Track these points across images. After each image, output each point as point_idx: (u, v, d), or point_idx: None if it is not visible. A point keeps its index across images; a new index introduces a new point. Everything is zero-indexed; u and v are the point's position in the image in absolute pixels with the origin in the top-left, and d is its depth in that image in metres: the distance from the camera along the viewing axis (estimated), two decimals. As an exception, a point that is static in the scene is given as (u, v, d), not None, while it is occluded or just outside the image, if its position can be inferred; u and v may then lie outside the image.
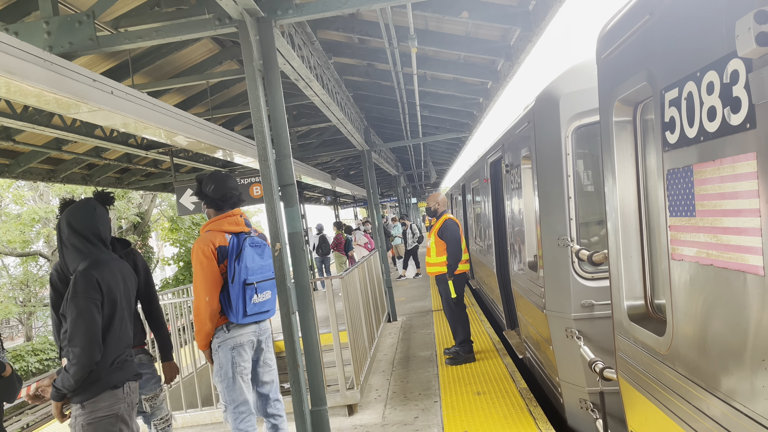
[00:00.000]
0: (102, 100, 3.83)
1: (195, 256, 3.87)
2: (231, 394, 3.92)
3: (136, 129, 4.59)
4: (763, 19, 1.48)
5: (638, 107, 2.69)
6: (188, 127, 5.16)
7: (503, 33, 6.83)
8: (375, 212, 11.06)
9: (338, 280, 6.41)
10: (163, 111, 4.74)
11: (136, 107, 4.26)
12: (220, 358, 3.90)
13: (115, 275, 3.17)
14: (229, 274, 3.88)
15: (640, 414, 2.74)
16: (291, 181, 4.19)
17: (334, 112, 7.40)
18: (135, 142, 9.10)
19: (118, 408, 3.06)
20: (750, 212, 1.65)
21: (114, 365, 3.08)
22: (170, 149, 9.43)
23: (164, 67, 7.38)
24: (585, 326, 4.35)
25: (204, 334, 3.90)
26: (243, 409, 3.93)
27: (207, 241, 3.88)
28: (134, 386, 3.22)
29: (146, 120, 4.32)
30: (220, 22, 4.00)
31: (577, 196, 4.46)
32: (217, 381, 3.93)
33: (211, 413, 6.06)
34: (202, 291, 3.84)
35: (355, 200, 31.47)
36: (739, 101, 1.65)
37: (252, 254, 3.95)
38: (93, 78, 3.78)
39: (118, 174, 12.77)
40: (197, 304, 3.86)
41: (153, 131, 4.72)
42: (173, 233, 28.22)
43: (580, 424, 4.68)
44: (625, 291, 2.79)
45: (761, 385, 1.65)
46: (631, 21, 2.48)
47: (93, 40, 3.97)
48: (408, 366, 7.38)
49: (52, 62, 3.36)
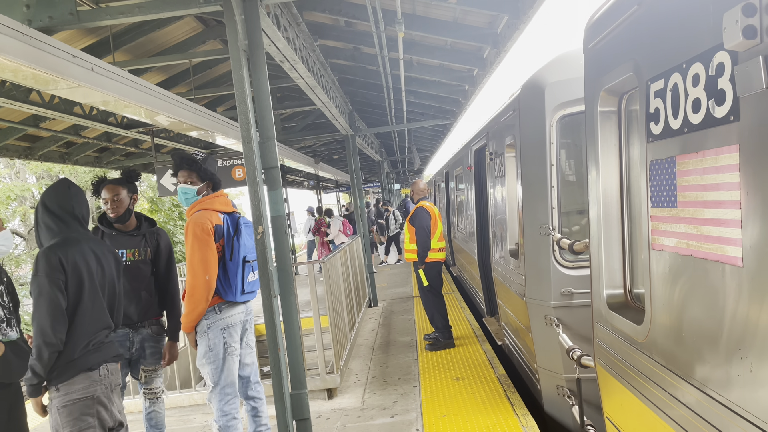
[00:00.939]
0: (82, 77, 3.75)
1: (193, 234, 3.79)
2: (219, 374, 3.90)
3: (116, 107, 4.51)
4: (750, 12, 1.49)
5: (623, 98, 2.71)
6: (170, 107, 5.08)
7: (491, 20, 6.81)
8: (358, 197, 11.04)
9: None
10: (145, 90, 4.66)
11: (116, 85, 4.18)
12: (210, 339, 3.88)
13: (86, 255, 3.10)
14: (226, 252, 3.89)
15: (616, 401, 2.78)
16: (275, 164, 4.15)
17: (319, 95, 7.34)
18: (115, 120, 8.95)
19: (94, 390, 3.01)
20: (731, 204, 1.67)
21: (89, 347, 3.04)
22: (151, 129, 9.29)
23: (146, 45, 7.24)
24: (564, 314, 4.40)
25: (196, 315, 3.84)
26: (229, 390, 3.93)
27: (205, 218, 3.84)
28: (114, 368, 3.17)
29: (127, 98, 4.24)
30: (205, 0, 3.92)
31: (559, 186, 4.49)
32: (205, 362, 3.91)
33: (190, 395, 6.04)
34: (201, 269, 3.76)
35: (338, 185, 31.37)
36: (724, 93, 1.67)
37: (246, 233, 4.02)
38: (73, 54, 3.70)
39: (96, 153, 12.56)
40: (194, 283, 3.77)
41: (134, 110, 4.64)
42: (152, 214, 27.90)
43: (557, 410, 4.75)
44: (605, 280, 2.82)
45: (736, 374, 1.68)
46: (619, 11, 2.48)
47: (73, 14, 3.88)
48: (388, 351, 7.42)
49: (31, 36, 3.28)
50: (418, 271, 7.19)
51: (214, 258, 3.82)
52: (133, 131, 9.29)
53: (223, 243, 3.91)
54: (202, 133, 6.85)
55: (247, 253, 4.02)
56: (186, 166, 4.06)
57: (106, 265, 3.24)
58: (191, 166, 4.05)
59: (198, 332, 3.93)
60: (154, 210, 27.94)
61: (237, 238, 3.94)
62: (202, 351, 3.92)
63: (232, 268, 3.92)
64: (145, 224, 4.20)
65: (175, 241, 23.76)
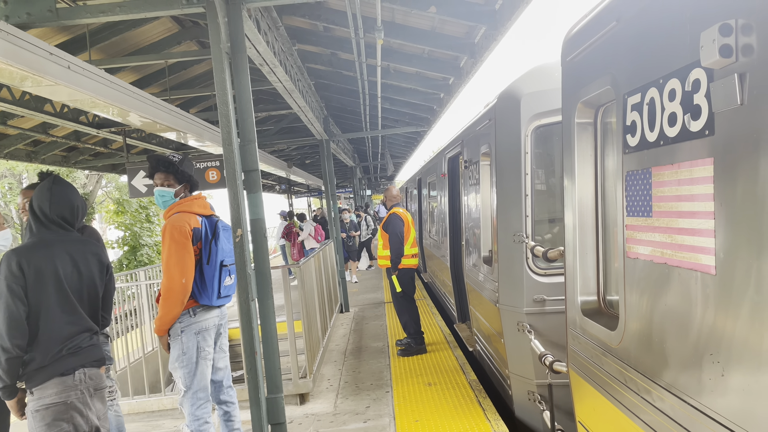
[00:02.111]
0: (58, 75, 3.69)
1: (170, 237, 3.74)
2: (192, 379, 3.86)
3: (92, 106, 4.44)
4: (727, 32, 1.57)
5: (600, 110, 2.79)
6: (147, 107, 5.03)
7: (468, 30, 6.91)
8: (331, 203, 11.03)
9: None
10: (122, 89, 4.60)
11: (93, 84, 4.12)
12: (184, 343, 3.83)
13: (56, 258, 3.00)
14: (204, 255, 3.85)
15: (588, 405, 2.85)
16: (255, 167, 4.15)
17: (296, 99, 7.34)
18: (86, 119, 8.79)
19: (68, 396, 2.92)
20: (705, 214, 1.74)
21: (63, 352, 2.95)
22: (123, 129, 9.15)
23: (120, 44, 7.15)
24: (536, 320, 4.48)
25: (170, 318, 3.80)
26: (201, 395, 3.89)
27: (183, 221, 3.79)
28: (94, 372, 3.07)
29: (104, 98, 4.18)
30: (188, 1, 3.90)
31: (533, 194, 4.58)
32: (177, 366, 3.86)
33: (159, 400, 5.95)
34: (177, 272, 3.71)
35: (309, 190, 31.27)
36: (700, 109, 1.74)
37: (224, 237, 3.98)
38: (50, 51, 3.64)
39: (65, 152, 12.30)
40: (170, 286, 3.72)
41: (110, 109, 4.58)
42: (119, 216, 27.34)
43: (528, 415, 4.83)
44: (579, 287, 2.89)
45: (708, 378, 1.75)
46: (598, 26, 2.57)
47: (52, 11, 3.82)
48: (360, 356, 7.42)
49: (8, 32, 3.22)
50: (392, 277, 7.22)
51: (191, 261, 3.79)
52: (105, 131, 9.13)
53: (201, 246, 3.88)
54: (176, 135, 6.78)
55: (225, 256, 3.99)
56: (163, 168, 4.01)
57: (84, 267, 3.14)
58: (168, 168, 4.01)
59: (171, 335, 3.89)
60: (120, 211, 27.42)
61: (215, 242, 3.91)
62: (175, 354, 3.88)
63: (209, 271, 3.88)
64: None
65: (142, 244, 23.30)
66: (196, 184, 4.09)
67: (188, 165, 4.04)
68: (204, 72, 9.08)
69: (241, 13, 4.07)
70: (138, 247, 23.28)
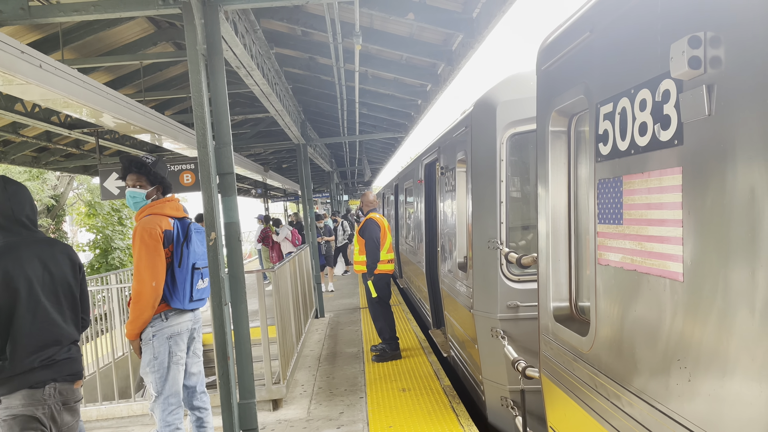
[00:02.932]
0: (30, 74, 3.62)
1: (140, 239, 3.68)
2: (163, 384, 3.80)
3: (64, 106, 4.37)
4: (696, 44, 1.60)
5: (573, 119, 2.83)
6: (121, 108, 4.96)
7: (446, 37, 6.96)
8: (308, 207, 10.99)
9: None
10: (95, 90, 4.54)
11: (66, 83, 4.05)
12: (155, 347, 3.78)
13: (24, 262, 2.86)
14: (175, 258, 3.80)
15: (560, 410, 2.88)
16: (230, 170, 4.12)
17: (273, 103, 7.31)
18: (58, 119, 8.63)
19: (34, 410, 2.79)
20: (673, 222, 1.78)
21: (36, 363, 2.81)
22: (96, 130, 9.00)
23: (94, 44, 7.04)
24: (510, 326, 4.51)
25: (141, 322, 3.74)
26: (173, 400, 3.83)
27: (153, 224, 3.74)
28: (64, 387, 2.92)
29: (77, 98, 4.12)
30: (164, 2, 3.85)
31: (508, 201, 4.62)
32: (149, 371, 3.80)
33: (129, 406, 5.84)
34: (148, 276, 3.66)
35: (285, 194, 31.10)
36: (669, 119, 1.78)
37: (196, 240, 3.93)
38: (21, 50, 3.57)
39: (35, 153, 12.07)
40: (140, 290, 3.66)
41: (83, 110, 4.51)
42: (90, 218, 26.87)
43: (501, 420, 4.86)
44: (551, 293, 2.92)
45: (675, 383, 1.78)
46: (572, 36, 2.61)
47: (25, 9, 3.75)
48: (334, 362, 7.39)
49: (-22, 29, 3.15)
50: (367, 282, 7.22)
51: (162, 264, 3.74)
52: (77, 131, 8.98)
53: (172, 249, 3.83)
54: (150, 136, 6.70)
55: (197, 259, 3.94)
56: (135, 169, 3.95)
57: (55, 269, 3.00)
58: (140, 170, 3.95)
59: (143, 340, 3.82)
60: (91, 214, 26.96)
61: (187, 245, 3.86)
62: (147, 359, 3.82)
63: (181, 274, 3.84)
64: None
65: (113, 247, 22.92)
66: (169, 187, 4.04)
67: (161, 167, 3.99)
68: (180, 74, 8.99)
69: (218, 15, 4.04)
70: (110, 250, 22.90)
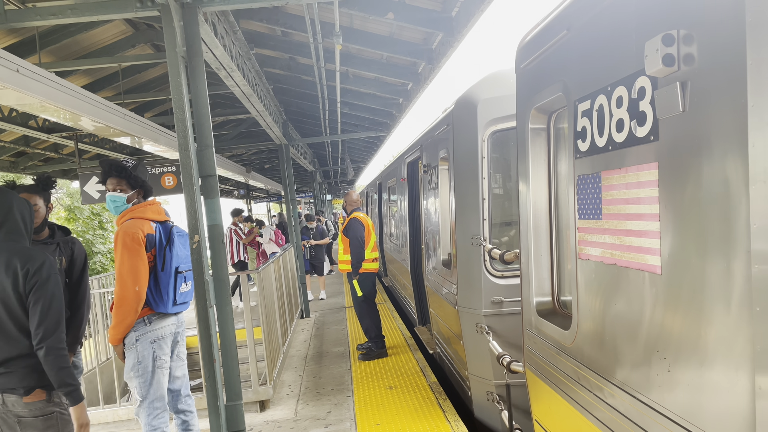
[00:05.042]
0: (6, 78, 3.57)
1: (122, 243, 3.66)
2: (148, 388, 3.78)
3: (41, 110, 4.31)
4: (669, 42, 1.64)
5: (552, 116, 2.87)
6: (100, 111, 4.91)
7: (426, 36, 6.99)
8: (291, 208, 10.97)
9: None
10: (73, 93, 4.49)
11: (43, 87, 4.00)
12: (139, 352, 3.76)
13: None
14: (158, 262, 3.78)
15: (544, 403, 2.92)
16: (212, 172, 4.10)
17: (254, 103, 7.28)
18: (35, 123, 8.52)
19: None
20: (651, 216, 1.82)
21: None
22: (75, 133, 8.89)
23: (72, 47, 6.96)
24: (494, 322, 4.55)
25: (124, 327, 3.72)
26: (158, 404, 3.81)
27: (136, 227, 3.72)
28: (12, 400, 2.76)
29: (55, 102, 4.07)
30: (142, 4, 3.83)
31: (490, 198, 4.66)
32: (133, 376, 3.78)
33: (114, 411, 5.79)
34: (131, 280, 3.64)
35: (269, 195, 30.96)
36: (645, 115, 1.82)
37: (179, 243, 3.92)
38: (-4, 53, 3.53)
39: (13, 157, 11.89)
40: (123, 294, 3.64)
41: (61, 114, 4.46)
42: (70, 223, 26.55)
43: (487, 415, 4.90)
44: (534, 288, 2.96)
45: (655, 374, 1.82)
46: (550, 34, 2.64)
47: (0, 14, 3.69)
48: (321, 362, 7.39)
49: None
50: (353, 281, 7.23)
51: (145, 268, 3.72)
52: (55, 135, 8.87)
53: (155, 253, 3.81)
54: (130, 139, 6.64)
55: (180, 263, 3.92)
56: (115, 173, 3.92)
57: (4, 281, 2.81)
58: (120, 174, 3.92)
59: (126, 344, 3.80)
60: (71, 218, 26.62)
61: (169, 248, 3.84)
62: (130, 364, 3.80)
63: (164, 278, 3.82)
64: (59, 233, 3.91)
65: (95, 251, 22.67)
66: (150, 190, 4.01)
67: (142, 170, 3.96)
68: (159, 75, 8.92)
69: (197, 16, 4.02)
70: (91, 254, 22.65)
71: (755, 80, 1.37)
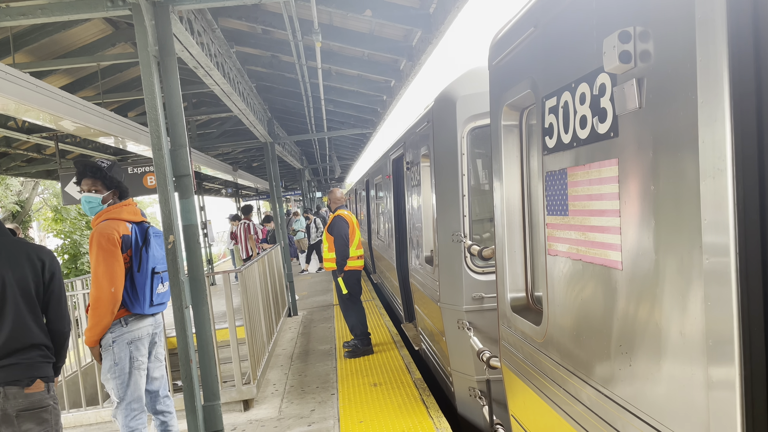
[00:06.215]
0: (-23, 79, 3.54)
1: (98, 245, 3.64)
2: (125, 390, 3.77)
3: (17, 112, 4.27)
4: (626, 39, 1.64)
5: (524, 113, 2.88)
6: (77, 112, 4.87)
7: (405, 33, 6.98)
8: (278, 205, 10.94)
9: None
10: (49, 94, 4.45)
11: (18, 89, 3.97)
12: (116, 353, 3.74)
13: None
14: (134, 263, 3.77)
15: (519, 399, 2.93)
16: (186, 172, 4.07)
17: (236, 102, 7.24)
18: (15, 125, 8.43)
19: None
20: (612, 212, 1.82)
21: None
22: (55, 134, 8.81)
23: (50, 47, 6.89)
24: (475, 318, 4.57)
25: (101, 329, 3.70)
26: (135, 406, 3.80)
27: (111, 228, 3.69)
28: (13, 392, 2.86)
29: (32, 103, 4.03)
30: (113, 4, 3.79)
31: (470, 195, 4.67)
32: (110, 377, 3.76)
33: (97, 413, 5.77)
34: (106, 281, 3.61)
35: (258, 193, 30.85)
36: (606, 112, 1.83)
37: (155, 244, 3.90)
38: (-34, 54, 3.48)
39: (-6, 159, 11.77)
40: (98, 296, 3.61)
41: (37, 115, 4.42)
42: (57, 224, 26.33)
43: (469, 411, 4.92)
44: (508, 283, 2.97)
45: (618, 369, 1.83)
46: (519, 32, 2.65)
47: (-33, 13, 3.65)
48: (307, 360, 7.39)
49: None
50: (337, 279, 7.23)
51: (121, 269, 3.70)
52: (36, 136, 8.78)
53: (131, 254, 3.79)
54: (112, 139, 6.60)
55: (157, 263, 3.91)
56: (90, 174, 3.89)
57: (19, 273, 2.96)
58: (95, 174, 3.89)
59: (102, 346, 3.78)
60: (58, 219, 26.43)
61: (146, 249, 3.82)
62: (107, 366, 3.78)
63: (140, 279, 3.79)
64: None
65: (82, 252, 22.49)
66: (126, 191, 3.98)
67: (117, 171, 3.93)
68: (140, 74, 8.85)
69: (170, 15, 3.99)
70: (78, 255, 22.47)
71: (705, 77, 1.38)
